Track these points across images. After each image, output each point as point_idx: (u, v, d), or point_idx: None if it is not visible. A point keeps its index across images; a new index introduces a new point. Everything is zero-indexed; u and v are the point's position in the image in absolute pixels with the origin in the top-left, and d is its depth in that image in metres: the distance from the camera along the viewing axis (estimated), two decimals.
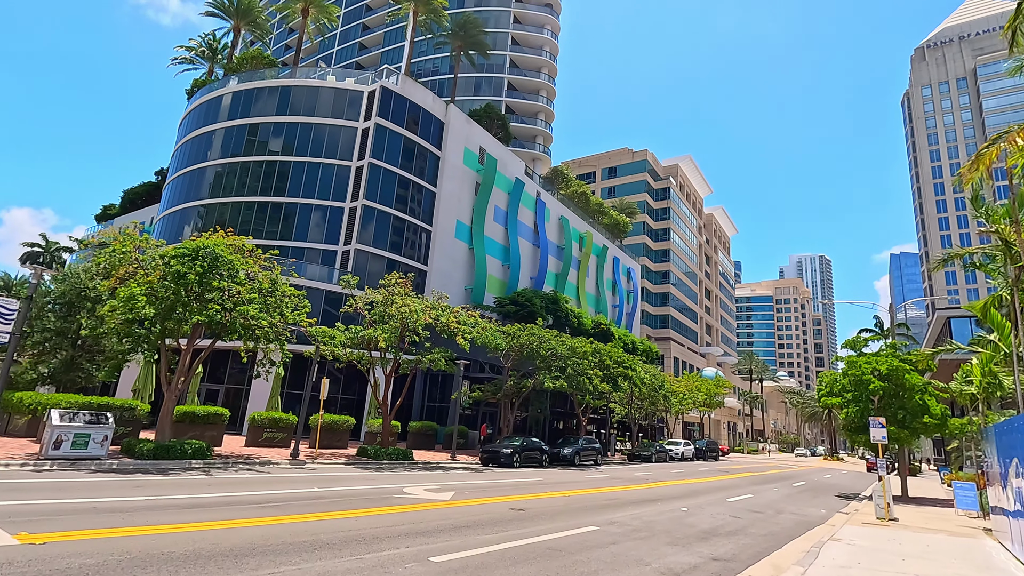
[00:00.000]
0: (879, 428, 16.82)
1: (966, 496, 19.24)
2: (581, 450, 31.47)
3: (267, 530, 8.37)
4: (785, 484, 28.64)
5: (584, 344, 33.09)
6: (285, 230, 37.19)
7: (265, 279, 18.48)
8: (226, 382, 32.53)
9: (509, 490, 16.33)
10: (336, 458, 21.67)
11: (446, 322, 22.72)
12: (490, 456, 26.00)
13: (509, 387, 30.43)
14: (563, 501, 14.65)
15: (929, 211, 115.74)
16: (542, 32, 68.47)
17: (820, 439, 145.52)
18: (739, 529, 12.60)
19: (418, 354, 23.98)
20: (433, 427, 31.48)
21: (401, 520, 10.07)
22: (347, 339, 22.65)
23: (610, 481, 22.49)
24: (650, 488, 20.81)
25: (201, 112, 41.97)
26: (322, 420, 22.76)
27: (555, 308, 45.92)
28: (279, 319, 18.03)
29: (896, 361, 23.84)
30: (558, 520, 11.48)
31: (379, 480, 16.28)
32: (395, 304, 22.24)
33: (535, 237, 51.62)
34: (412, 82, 40.94)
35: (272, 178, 38.08)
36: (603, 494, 17.40)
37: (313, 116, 38.96)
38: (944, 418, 23.24)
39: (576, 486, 19.42)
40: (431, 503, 12.45)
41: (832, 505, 20.52)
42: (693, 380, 56.94)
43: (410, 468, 21.47)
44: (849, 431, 25.63)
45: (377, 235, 37.20)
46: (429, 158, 41.16)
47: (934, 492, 29.90)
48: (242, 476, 14.95)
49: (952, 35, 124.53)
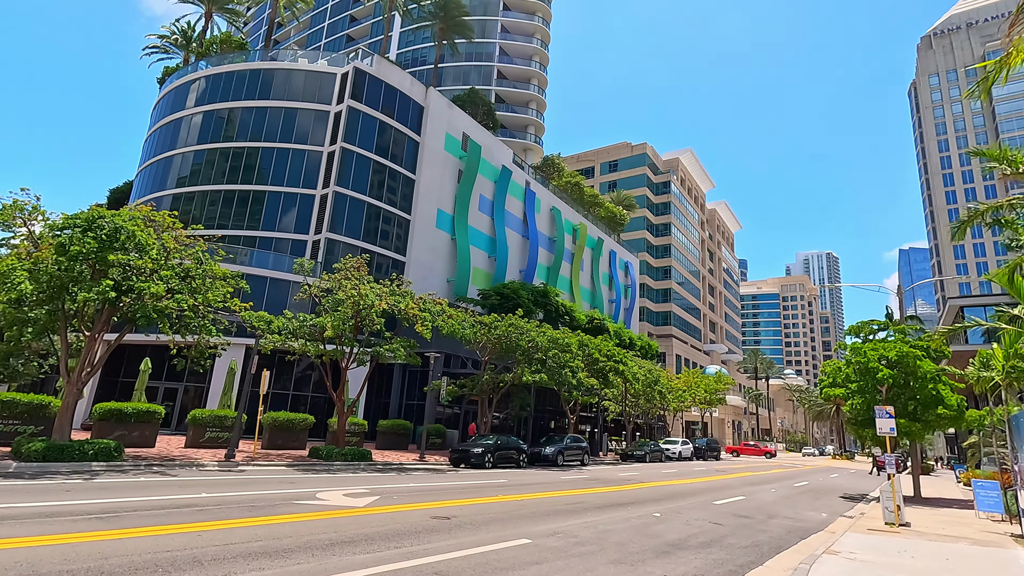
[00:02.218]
0: (887, 419, 14.49)
1: (988, 497, 16.86)
2: (565, 449, 29.19)
3: (91, 548, 6.28)
4: (785, 484, 26.24)
5: (568, 336, 30.82)
6: (256, 219, 35.23)
7: (189, 258, 16.39)
8: (185, 379, 30.51)
9: (453, 494, 14.12)
10: (281, 459, 19.54)
11: (404, 308, 20.54)
12: (460, 456, 23.79)
13: (486, 382, 28.21)
14: (508, 507, 12.43)
15: (938, 202, 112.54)
16: (533, 19, 66.27)
17: (830, 438, 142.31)
18: (715, 539, 10.34)
19: (376, 344, 21.84)
20: (406, 426, 29.30)
21: (285, 532, 7.93)
22: (294, 327, 20.54)
23: (587, 483, 20.22)
24: (629, 490, 18.53)
25: (171, 99, 40.13)
26: (261, 417, 20.61)
27: (544, 301, 43.66)
28: (202, 303, 15.91)
29: (906, 347, 21.46)
30: (484, 531, 9.27)
31: (303, 484, 14.11)
32: (345, 289, 20.09)
33: (524, 228, 49.42)
34: (388, 64, 38.90)
35: (242, 165, 36.15)
36: (568, 497, 15.16)
37: (284, 100, 36.99)
38: (960, 409, 20.82)
39: (543, 488, 17.17)
40: (338, 511, 10.28)
41: (835, 508, 18.16)
42: (692, 376, 54.46)
43: (359, 470, 19.30)
44: (854, 425, 23.22)
45: (350, 224, 35.12)
46: (407, 144, 39.07)
47: (950, 492, 27.39)
48: (134, 480, 12.83)
49: (959, 22, 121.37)
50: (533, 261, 48.92)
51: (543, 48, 66.33)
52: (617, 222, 68.09)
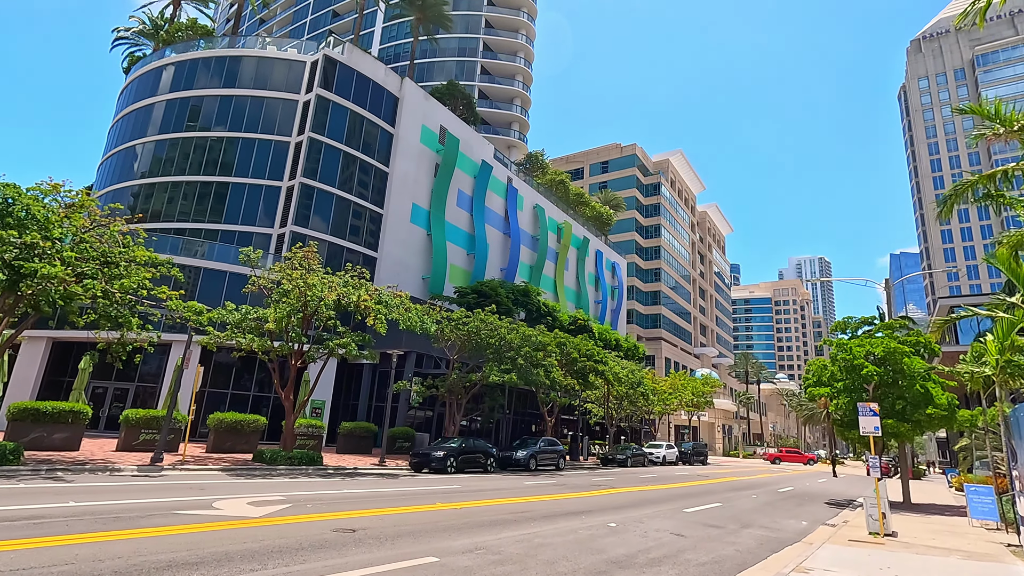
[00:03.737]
0: (871, 417, 13.09)
1: (982, 503, 15.47)
2: (539, 453, 27.65)
3: None
4: (768, 490, 24.82)
5: (543, 333, 29.34)
6: (221, 213, 33.61)
7: (108, 241, 14.82)
8: (137, 380, 28.79)
9: (385, 502, 12.58)
10: (220, 463, 17.93)
11: (356, 301, 18.99)
12: (420, 461, 22.20)
13: (454, 382, 26.65)
14: (438, 517, 10.91)
15: (929, 205, 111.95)
16: (518, 15, 65.02)
17: (822, 443, 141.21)
18: (670, 555, 8.87)
19: (327, 340, 20.28)
20: (370, 429, 27.67)
21: (129, 550, 6.39)
22: (236, 320, 18.96)
23: (552, 488, 18.71)
24: (594, 496, 17.03)
25: (135, 87, 38.49)
26: (192, 417, 18.94)
27: (525, 301, 42.16)
28: (117, 289, 14.33)
29: (894, 343, 20.12)
30: (387, 547, 7.75)
31: (214, 490, 12.53)
32: (290, 279, 18.54)
33: (505, 225, 47.97)
34: (361, 52, 37.45)
35: (206, 156, 34.54)
36: (518, 506, 13.65)
37: (251, 88, 35.44)
38: (952, 409, 19.48)
39: (497, 495, 15.66)
40: (224, 522, 8.74)
41: (818, 515, 16.74)
42: (679, 378, 53.06)
43: (301, 475, 17.71)
44: (841, 426, 21.84)
45: (317, 217, 33.55)
46: (380, 135, 37.59)
47: (941, 497, 26.05)
48: (9, 487, 11.23)
49: (948, 26, 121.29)
50: (515, 259, 47.45)
51: (528, 44, 65.08)
52: (604, 222, 66.78)
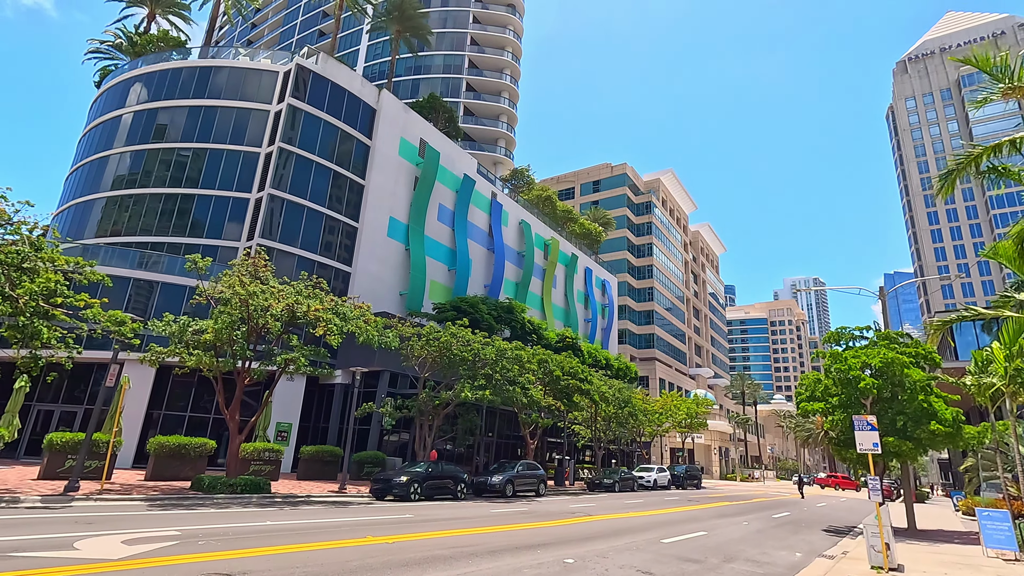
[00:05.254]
0: (868, 431, 11.50)
1: (997, 530, 13.76)
2: (516, 478, 25.75)
3: None
4: (762, 516, 22.96)
5: (521, 349, 27.70)
6: (187, 225, 32.21)
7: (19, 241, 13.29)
8: (87, 401, 26.91)
9: (304, 536, 10.84)
10: (146, 492, 16.09)
11: (306, 311, 17.40)
12: (382, 487, 20.32)
13: (423, 401, 24.89)
14: (350, 556, 9.17)
15: (921, 223, 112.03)
16: (504, 32, 64.90)
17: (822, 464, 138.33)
18: None
19: (279, 354, 18.63)
20: (335, 452, 25.76)
21: None
22: (174, 331, 17.32)
23: (520, 517, 16.90)
24: (563, 526, 15.24)
25: (105, 99, 37.41)
26: (115, 439, 17.10)
27: (509, 317, 40.55)
28: (25, 294, 12.75)
29: (892, 353, 18.59)
30: None
31: (104, 525, 10.77)
32: (231, 287, 16.97)
33: (489, 241, 46.64)
34: (336, 63, 36.54)
35: (174, 167, 33.28)
36: (465, 538, 11.90)
37: (221, 99, 34.36)
38: (957, 424, 17.86)
39: (450, 526, 13.88)
40: (79, 566, 7.04)
41: (815, 545, 15.00)
42: (671, 399, 51.19)
43: (235, 505, 15.88)
44: (837, 445, 20.16)
45: (286, 230, 32.12)
46: (356, 147, 36.42)
47: (949, 523, 24.22)
48: None
49: (933, 47, 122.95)
50: (499, 276, 45.98)
51: (515, 62, 64.75)
52: (593, 239, 65.62)
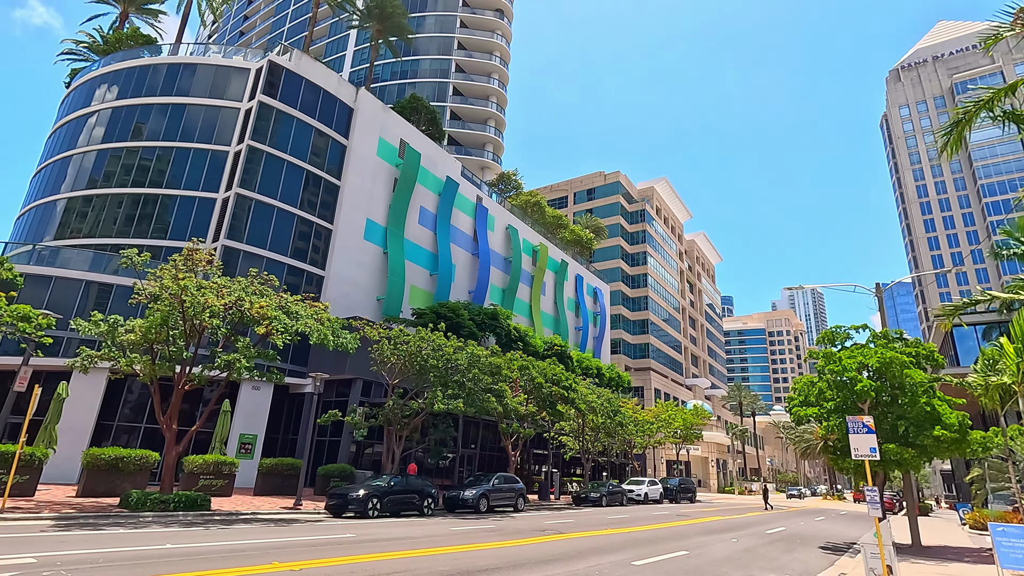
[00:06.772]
0: (864, 434, 9.95)
1: (1013, 548, 12.07)
2: (492, 492, 24.02)
3: None
4: (755, 532, 21.26)
5: (497, 355, 26.13)
6: (150, 226, 30.75)
7: None
8: (35, 411, 25.14)
9: (198, 563, 9.23)
10: (60, 510, 14.42)
11: (249, 309, 15.87)
12: (339, 503, 18.63)
13: (391, 409, 23.24)
14: None
15: (917, 231, 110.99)
16: (492, 37, 64.05)
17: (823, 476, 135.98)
18: None
19: (222, 356, 17.05)
20: (295, 465, 24.01)
21: None
22: (101, 331, 15.77)
23: (483, 535, 15.24)
24: (526, 546, 13.59)
25: (73, 98, 36.15)
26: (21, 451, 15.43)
27: (494, 324, 38.98)
28: None
29: (891, 352, 17.09)
30: None
31: None
32: (161, 282, 15.45)
33: (474, 246, 45.23)
34: (310, 60, 35.35)
35: (139, 166, 31.87)
36: (400, 562, 10.27)
37: (190, 96, 33.09)
38: (963, 430, 16.30)
39: (392, 547, 12.24)
40: None
41: (809, 565, 13.36)
42: (665, 408, 49.47)
43: (156, 524, 14.22)
44: (833, 454, 18.55)
45: (255, 232, 30.65)
46: (332, 146, 35.12)
47: (956, 538, 22.49)
48: None
49: (926, 55, 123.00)
50: (484, 281, 44.51)
51: (503, 66, 63.86)
52: (584, 246, 64.29)
